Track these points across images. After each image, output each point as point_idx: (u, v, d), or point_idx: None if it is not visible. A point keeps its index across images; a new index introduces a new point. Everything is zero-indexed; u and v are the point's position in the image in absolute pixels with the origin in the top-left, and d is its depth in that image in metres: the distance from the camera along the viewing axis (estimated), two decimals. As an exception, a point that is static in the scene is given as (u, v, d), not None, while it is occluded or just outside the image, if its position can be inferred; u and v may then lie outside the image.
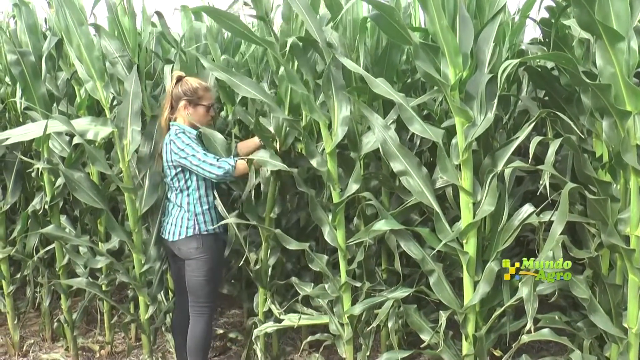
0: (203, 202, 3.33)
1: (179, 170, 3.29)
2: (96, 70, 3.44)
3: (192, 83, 3.32)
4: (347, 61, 2.88)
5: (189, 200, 3.33)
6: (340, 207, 2.98)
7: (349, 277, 3.09)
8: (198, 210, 3.32)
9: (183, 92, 3.30)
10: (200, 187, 3.32)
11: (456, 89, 2.62)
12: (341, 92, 2.90)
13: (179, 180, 3.30)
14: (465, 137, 2.64)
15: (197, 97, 3.31)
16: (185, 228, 3.32)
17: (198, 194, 3.32)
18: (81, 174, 3.48)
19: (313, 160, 2.98)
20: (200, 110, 3.33)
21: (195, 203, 3.32)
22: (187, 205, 3.32)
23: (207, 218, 3.36)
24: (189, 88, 3.30)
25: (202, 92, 3.32)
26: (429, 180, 2.83)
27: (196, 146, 3.20)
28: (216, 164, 3.11)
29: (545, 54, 2.80)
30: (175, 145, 3.21)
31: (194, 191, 3.31)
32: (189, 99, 3.30)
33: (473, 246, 2.72)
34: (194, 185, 3.30)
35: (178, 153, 3.20)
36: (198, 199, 3.32)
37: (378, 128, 2.84)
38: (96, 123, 3.43)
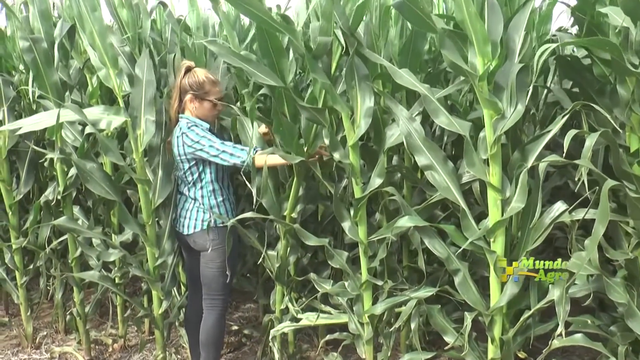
0: (217, 195, 3.26)
1: (192, 164, 3.20)
2: (109, 57, 3.33)
3: (199, 76, 3.21)
4: (370, 53, 2.75)
5: (202, 193, 3.24)
6: (363, 203, 2.86)
7: (370, 275, 2.97)
8: (212, 202, 3.25)
9: (189, 85, 3.21)
10: (214, 180, 3.24)
11: (484, 79, 2.48)
12: (364, 82, 2.77)
13: (192, 174, 3.22)
14: (494, 130, 2.51)
15: (203, 91, 3.21)
16: (201, 221, 3.25)
17: (212, 186, 3.24)
18: (93, 165, 3.37)
19: (336, 152, 2.85)
20: (206, 105, 3.23)
21: (209, 196, 3.24)
22: (202, 198, 3.24)
23: (222, 210, 3.28)
24: (195, 81, 3.20)
25: (209, 87, 3.22)
26: (455, 175, 2.70)
27: (211, 136, 3.11)
28: (236, 153, 3.02)
29: (588, 40, 2.63)
30: (189, 138, 3.12)
31: (207, 184, 3.23)
32: (195, 93, 3.20)
33: (501, 245, 2.59)
34: (208, 177, 3.22)
35: (193, 146, 3.11)
36: (212, 192, 3.24)
37: (402, 120, 2.72)
38: (109, 112, 3.32)
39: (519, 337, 2.79)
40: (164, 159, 3.45)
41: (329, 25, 2.67)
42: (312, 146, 3.07)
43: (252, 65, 2.88)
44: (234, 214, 3.31)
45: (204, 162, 3.19)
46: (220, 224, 3.25)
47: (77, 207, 4.10)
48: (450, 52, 2.48)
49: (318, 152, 3.10)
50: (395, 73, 2.65)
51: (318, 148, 3.08)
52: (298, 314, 3.36)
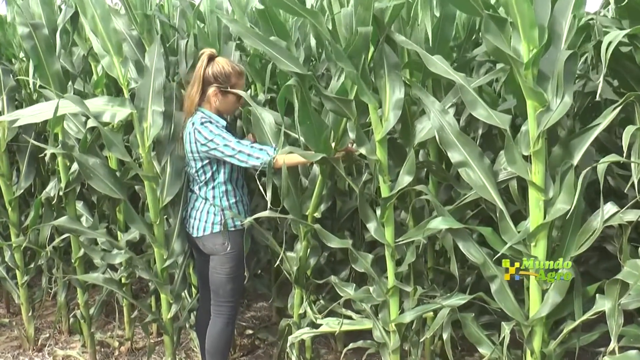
0: (230, 196, 3.04)
1: (205, 163, 2.99)
2: (113, 44, 3.09)
3: (224, 66, 2.97)
4: (399, 37, 2.51)
5: (214, 194, 3.03)
6: (390, 202, 2.63)
7: (397, 280, 2.74)
8: (225, 204, 3.04)
9: (214, 76, 2.96)
10: (228, 180, 3.03)
11: (530, 67, 2.24)
12: (394, 72, 2.53)
13: (204, 173, 3.01)
14: (538, 124, 2.28)
15: (229, 84, 2.97)
16: (212, 224, 3.04)
17: (225, 187, 3.03)
18: (96, 160, 3.15)
19: (362, 147, 2.62)
20: (231, 98, 3.01)
21: (221, 197, 3.03)
22: (213, 199, 3.03)
23: (234, 212, 3.06)
24: (221, 72, 2.95)
25: (235, 79, 2.99)
26: (491, 173, 2.47)
27: (227, 135, 2.88)
28: (254, 154, 2.79)
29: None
30: (202, 135, 2.89)
31: (220, 184, 3.02)
32: (220, 86, 2.96)
33: (543, 250, 2.36)
34: (221, 178, 3.01)
35: (206, 144, 2.89)
36: (225, 193, 3.03)
37: (434, 113, 2.48)
38: (113, 103, 3.10)
39: (558, 348, 2.57)
40: (174, 153, 3.22)
41: (367, 13, 2.39)
42: (341, 142, 2.85)
43: (276, 50, 2.64)
44: (247, 216, 3.09)
45: (217, 162, 2.97)
46: (231, 228, 3.04)
47: (81, 203, 3.88)
48: (494, 37, 2.24)
49: (347, 149, 2.87)
50: (429, 60, 2.42)
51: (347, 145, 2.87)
52: (317, 319, 3.15)
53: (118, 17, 3.33)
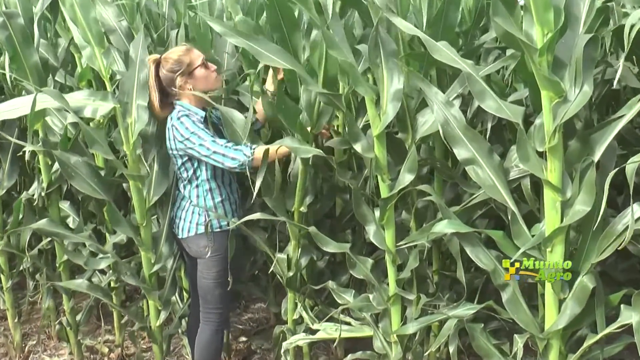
0: (215, 195, 2.86)
1: (185, 160, 2.81)
2: (94, 34, 2.88)
3: (171, 56, 2.84)
4: (400, 21, 2.28)
5: (198, 193, 2.85)
6: (391, 204, 2.41)
7: (399, 288, 2.52)
8: (209, 203, 2.85)
9: (171, 70, 2.82)
10: (212, 178, 2.84)
11: (544, 53, 2.01)
12: (392, 60, 2.30)
13: (187, 170, 2.83)
14: (554, 117, 2.05)
15: (186, 64, 2.81)
16: (196, 224, 2.86)
17: (209, 185, 2.84)
18: (78, 159, 2.94)
19: (357, 144, 2.39)
20: (199, 73, 2.82)
21: (205, 195, 2.85)
22: (197, 198, 2.85)
23: (219, 212, 2.86)
24: (172, 62, 2.82)
25: (187, 57, 2.82)
26: (502, 171, 2.25)
27: (203, 133, 2.70)
28: (229, 154, 2.63)
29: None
30: (179, 132, 2.73)
31: (203, 182, 2.84)
32: (182, 72, 2.80)
33: (560, 256, 2.13)
34: (204, 175, 2.82)
35: (183, 142, 2.72)
36: (209, 191, 2.84)
37: (438, 105, 2.26)
38: (95, 97, 2.88)
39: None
40: (160, 150, 3.01)
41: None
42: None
43: (259, 45, 2.43)
44: (237, 215, 2.89)
45: (198, 159, 2.77)
46: (217, 229, 2.85)
47: (67, 203, 3.67)
48: (504, 20, 2.00)
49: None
50: (433, 47, 2.19)
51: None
52: (314, 323, 2.94)
53: (107, 6, 3.13)
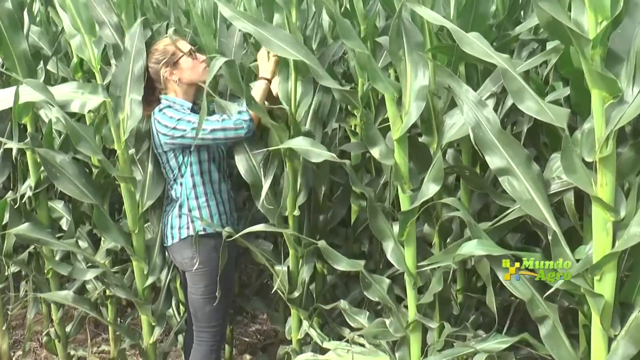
0: (199, 193, 2.61)
1: (170, 156, 2.59)
2: (84, 21, 2.60)
3: (156, 47, 2.67)
4: (424, 10, 1.96)
5: (181, 191, 2.62)
6: (412, 219, 2.09)
7: (419, 314, 2.21)
8: (192, 204, 2.60)
9: (156, 62, 2.63)
10: (196, 174, 2.59)
11: (597, 45, 1.69)
12: (417, 53, 1.98)
13: (172, 169, 2.61)
14: (607, 121, 1.72)
15: (170, 53, 2.61)
16: (178, 229, 2.62)
17: (192, 182, 2.59)
18: (65, 157, 2.66)
19: (375, 148, 2.09)
20: (185, 63, 2.62)
21: (188, 194, 2.60)
22: (180, 199, 2.61)
23: (204, 214, 2.60)
24: (157, 53, 2.64)
25: (171, 47, 2.63)
26: (541, 184, 1.92)
27: (192, 117, 2.51)
28: (230, 126, 2.45)
29: None
30: (162, 124, 2.52)
31: (187, 180, 2.60)
32: (166, 62, 2.61)
33: (610, 286, 1.80)
34: (188, 171, 2.59)
35: (168, 133, 2.50)
36: (192, 188, 2.60)
37: (468, 105, 1.93)
38: (83, 90, 2.62)
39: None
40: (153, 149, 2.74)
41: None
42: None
43: (269, 32, 2.15)
44: (227, 219, 2.66)
45: (183, 151, 2.55)
46: (201, 232, 2.60)
47: (61, 203, 3.38)
48: (551, 6, 1.67)
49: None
50: (462, 39, 1.87)
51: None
52: (324, 342, 2.64)
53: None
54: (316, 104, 2.64)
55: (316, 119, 2.65)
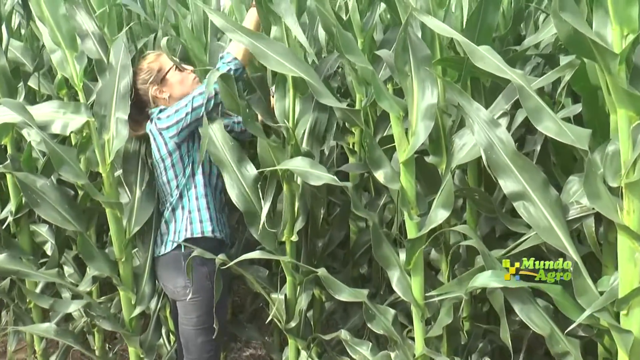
0: (199, 192, 2.47)
1: (176, 159, 2.43)
2: (64, 34, 2.43)
3: (140, 66, 2.54)
4: (431, 20, 1.83)
5: (189, 196, 2.47)
6: (420, 248, 1.94)
7: (428, 347, 2.06)
8: (205, 215, 2.46)
9: (142, 81, 2.52)
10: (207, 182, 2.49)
11: (624, 60, 1.56)
12: (424, 69, 1.84)
13: (176, 174, 2.46)
14: (634, 143, 1.58)
15: (156, 71, 2.50)
16: (174, 233, 2.48)
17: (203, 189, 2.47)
18: (46, 182, 2.50)
19: (379, 171, 1.93)
20: (173, 78, 2.51)
21: (189, 195, 2.47)
22: (181, 201, 2.48)
23: (204, 217, 2.46)
24: (143, 72, 2.52)
25: (156, 62, 2.52)
26: (560, 209, 1.78)
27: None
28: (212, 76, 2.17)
29: None
30: (163, 120, 2.41)
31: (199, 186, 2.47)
32: (152, 81, 2.50)
33: (639, 321, 1.67)
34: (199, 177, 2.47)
35: (172, 119, 2.38)
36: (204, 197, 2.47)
37: (479, 125, 1.79)
38: (65, 110, 2.45)
39: None
40: (144, 171, 2.58)
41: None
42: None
43: (265, 44, 2.00)
44: (224, 233, 2.54)
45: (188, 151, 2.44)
46: (198, 234, 2.45)
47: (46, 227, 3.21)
48: (574, 17, 1.54)
49: None
50: (474, 52, 1.74)
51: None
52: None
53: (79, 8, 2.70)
54: (312, 121, 2.51)
55: (313, 137, 2.51)
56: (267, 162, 2.30)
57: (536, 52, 2.65)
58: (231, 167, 2.30)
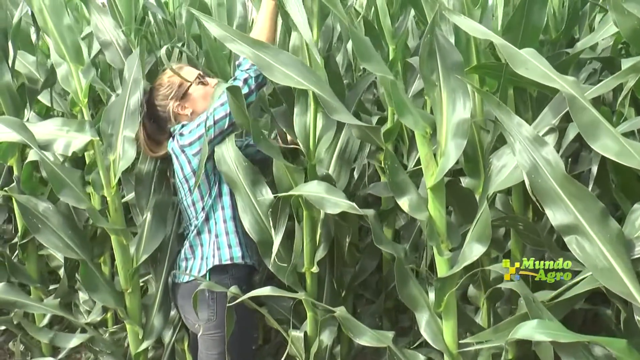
0: (238, 226, 2.20)
1: (200, 179, 2.17)
2: (68, 46, 2.24)
3: (160, 81, 2.34)
4: (466, 21, 1.55)
5: (215, 219, 2.23)
6: (452, 288, 1.65)
7: (463, 404, 1.76)
8: (233, 240, 2.21)
9: (162, 96, 2.30)
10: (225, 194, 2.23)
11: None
12: (455, 77, 1.56)
13: (203, 197, 2.22)
14: None
15: (177, 85, 2.28)
16: (203, 258, 2.23)
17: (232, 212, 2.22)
18: (49, 206, 2.32)
19: (403, 199, 1.65)
20: (196, 92, 2.29)
21: (216, 218, 2.22)
22: (216, 227, 2.23)
23: (233, 243, 2.21)
24: (163, 87, 2.31)
25: (175, 77, 2.26)
26: (622, 247, 1.45)
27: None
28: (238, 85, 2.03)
29: None
30: (185, 136, 2.19)
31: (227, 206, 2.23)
32: (173, 96, 2.27)
33: None
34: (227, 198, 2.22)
35: (193, 134, 2.17)
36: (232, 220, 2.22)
37: (522, 143, 1.49)
38: (69, 127, 2.26)
39: None
40: (156, 194, 2.38)
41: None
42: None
43: (269, 54, 1.76)
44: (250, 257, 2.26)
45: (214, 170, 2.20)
46: (236, 261, 2.20)
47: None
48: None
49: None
50: (514, 57, 1.46)
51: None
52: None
53: (104, 15, 2.56)
54: (344, 140, 2.27)
55: (342, 158, 2.27)
56: (284, 186, 2.05)
57: (592, 56, 2.34)
58: (244, 190, 2.06)
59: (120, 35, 2.55)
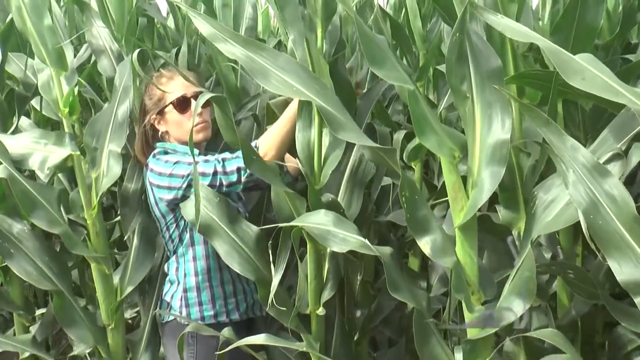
0: (201, 271, 1.92)
1: (170, 221, 1.92)
2: (49, 49, 1.99)
3: (150, 85, 2.01)
4: (502, 20, 1.23)
5: (177, 266, 1.96)
6: (486, 355, 1.31)
7: None
8: (190, 283, 1.92)
9: (145, 103, 2.00)
10: (198, 242, 1.93)
11: None
12: (491, 87, 1.23)
13: (172, 239, 1.95)
14: None
15: (158, 98, 1.95)
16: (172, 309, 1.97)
17: (192, 253, 1.93)
18: (24, 227, 2.05)
19: (424, 239, 1.32)
20: (170, 117, 1.96)
21: (187, 269, 1.93)
22: (183, 277, 1.94)
23: (204, 297, 1.91)
24: (146, 93, 2.00)
25: (156, 90, 1.93)
26: None
27: (181, 156, 1.90)
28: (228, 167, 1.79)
29: None
30: (155, 174, 1.90)
31: (187, 248, 1.93)
32: (153, 106, 1.98)
33: None
34: (189, 239, 1.93)
35: (163, 184, 1.86)
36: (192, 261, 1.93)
37: (577, 173, 1.17)
38: (47, 141, 2.00)
39: None
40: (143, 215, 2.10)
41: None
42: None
43: (265, 57, 1.46)
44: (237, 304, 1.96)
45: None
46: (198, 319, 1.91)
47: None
48: None
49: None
50: (568, 64, 1.14)
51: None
52: None
53: (97, 18, 2.31)
54: (356, 158, 1.94)
55: (355, 180, 1.94)
56: (284, 214, 1.74)
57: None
58: (224, 231, 1.74)
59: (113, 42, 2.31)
